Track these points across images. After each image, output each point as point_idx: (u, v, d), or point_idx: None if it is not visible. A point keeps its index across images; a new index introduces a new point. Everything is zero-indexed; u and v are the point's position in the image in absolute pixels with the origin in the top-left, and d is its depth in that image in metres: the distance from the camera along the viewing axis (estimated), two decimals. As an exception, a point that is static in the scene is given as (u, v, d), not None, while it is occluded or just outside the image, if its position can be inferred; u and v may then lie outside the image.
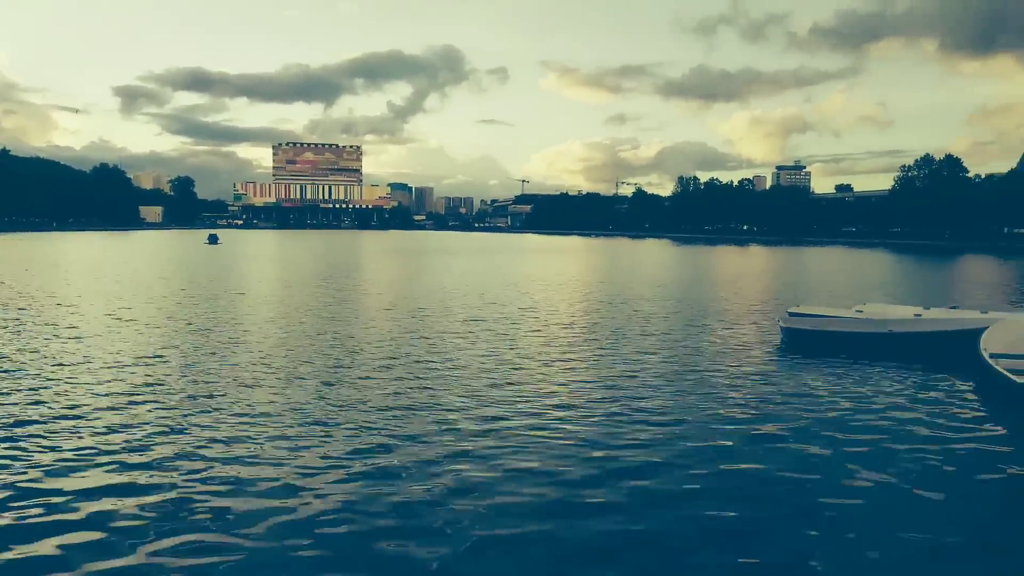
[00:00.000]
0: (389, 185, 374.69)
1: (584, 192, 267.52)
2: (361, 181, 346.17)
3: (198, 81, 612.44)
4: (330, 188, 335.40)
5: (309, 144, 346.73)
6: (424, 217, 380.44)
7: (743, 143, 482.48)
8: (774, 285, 32.36)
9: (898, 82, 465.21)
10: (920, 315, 16.50)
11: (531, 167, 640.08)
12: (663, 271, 42.80)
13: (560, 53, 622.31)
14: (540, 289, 28.90)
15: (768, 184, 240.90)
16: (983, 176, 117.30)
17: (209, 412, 9.43)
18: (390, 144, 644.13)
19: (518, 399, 10.36)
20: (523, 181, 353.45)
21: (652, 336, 16.52)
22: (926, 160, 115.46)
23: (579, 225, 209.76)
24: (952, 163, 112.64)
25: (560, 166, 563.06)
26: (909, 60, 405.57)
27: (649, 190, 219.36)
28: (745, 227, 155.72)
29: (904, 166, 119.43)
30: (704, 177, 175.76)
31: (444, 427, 8.89)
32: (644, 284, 31.84)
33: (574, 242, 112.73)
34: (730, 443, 8.37)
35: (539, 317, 19.80)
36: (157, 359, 13.09)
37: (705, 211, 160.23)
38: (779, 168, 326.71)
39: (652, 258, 61.98)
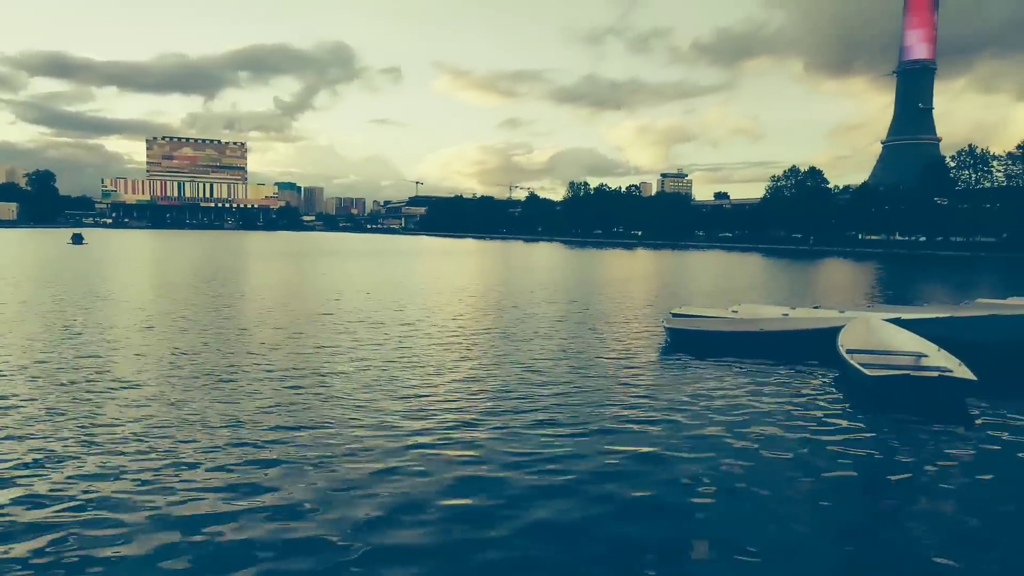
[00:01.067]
0: (276, 184, 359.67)
1: (479, 195, 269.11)
2: (246, 179, 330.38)
3: (59, 66, 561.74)
4: (212, 186, 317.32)
5: (188, 139, 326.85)
6: (314, 218, 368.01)
7: (631, 150, 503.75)
8: (659, 287, 33.82)
9: (769, 98, 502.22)
10: (788, 315, 17.79)
11: (425, 169, 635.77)
12: (555, 273, 43.68)
13: (454, 55, 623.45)
14: (433, 292, 28.66)
15: (654, 190, 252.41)
16: (841, 187, 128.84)
17: (51, 434, 8.59)
18: (277, 142, 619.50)
19: (405, 407, 10.19)
20: (417, 183, 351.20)
21: (542, 338, 16.78)
22: (793, 171, 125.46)
23: (474, 228, 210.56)
24: (815, 174, 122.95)
25: (454, 168, 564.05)
26: (778, 78, 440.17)
27: (541, 194, 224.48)
28: (630, 231, 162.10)
29: (774, 176, 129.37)
30: (594, 183, 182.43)
31: (326, 439, 8.57)
32: (537, 286, 32.34)
33: (469, 244, 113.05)
34: (615, 440, 8.64)
35: (429, 319, 19.61)
36: None
37: (595, 215, 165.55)
38: (664, 175, 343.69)
39: (544, 261, 63.18)
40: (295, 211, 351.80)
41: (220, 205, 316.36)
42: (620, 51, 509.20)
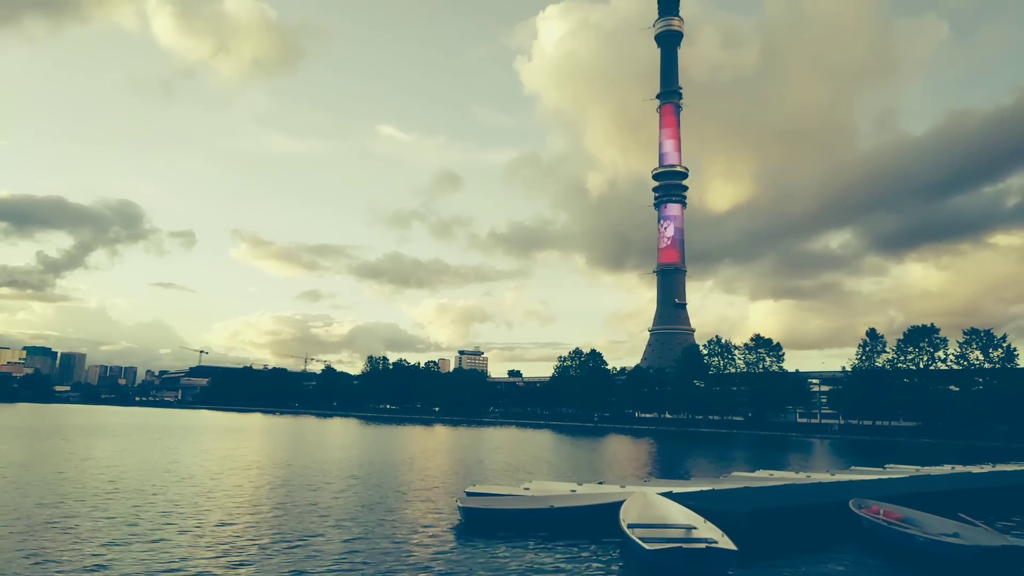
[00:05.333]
0: (25, 349, 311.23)
1: (270, 367, 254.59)
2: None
3: None
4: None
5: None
6: (69, 388, 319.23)
7: (431, 327, 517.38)
8: (455, 464, 33.60)
9: (557, 285, 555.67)
10: (575, 491, 18.55)
11: (212, 337, 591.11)
12: (348, 451, 41.62)
13: (254, 225, 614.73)
14: (193, 477, 25.73)
15: (452, 366, 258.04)
16: (619, 368, 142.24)
17: None
18: (34, 301, 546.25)
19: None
20: (201, 351, 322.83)
21: (332, 519, 15.65)
22: (577, 353, 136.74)
23: (263, 401, 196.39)
24: (595, 356, 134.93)
25: (245, 338, 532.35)
26: (565, 269, 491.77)
27: (340, 367, 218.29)
28: (428, 407, 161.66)
29: (561, 356, 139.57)
30: (394, 357, 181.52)
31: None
32: (328, 466, 30.47)
33: (255, 420, 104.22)
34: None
35: (197, 508, 17.45)
36: None
37: (394, 390, 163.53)
38: (461, 352, 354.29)
39: (338, 438, 60.10)
40: (46, 380, 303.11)
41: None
42: (424, 234, 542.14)
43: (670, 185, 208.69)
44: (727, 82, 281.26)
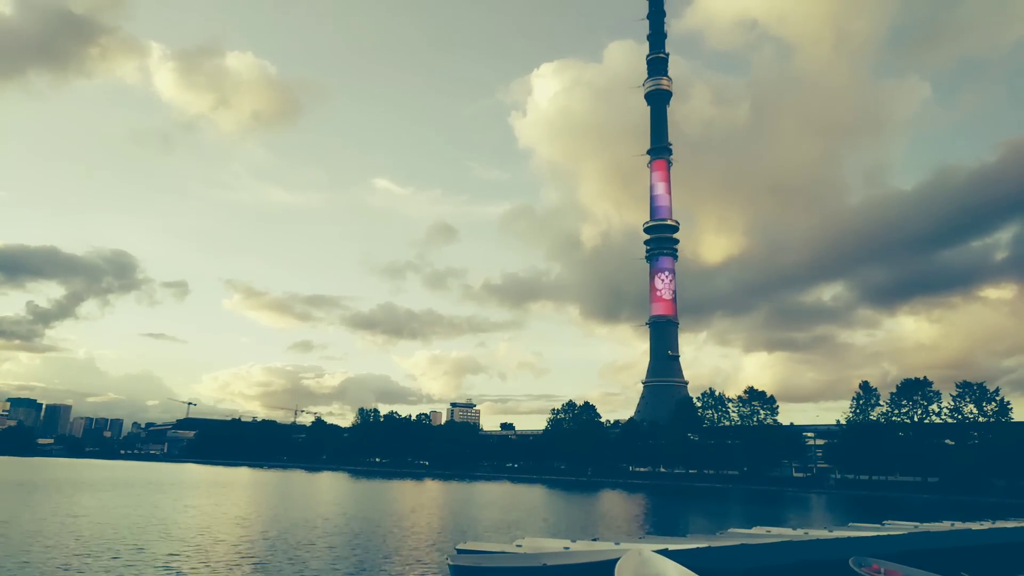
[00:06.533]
0: (9, 400, 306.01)
1: (259, 419, 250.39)
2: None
3: None
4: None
5: None
6: (52, 441, 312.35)
7: (424, 379, 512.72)
8: (447, 520, 32.85)
9: (550, 337, 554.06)
10: (569, 548, 18.09)
11: (201, 389, 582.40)
12: (337, 507, 40.65)
13: (248, 275, 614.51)
14: (176, 533, 25.05)
15: (444, 419, 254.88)
16: (612, 421, 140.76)
17: None
18: (21, 351, 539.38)
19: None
20: (189, 403, 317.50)
21: (318, 582, 15.17)
22: (570, 405, 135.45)
23: (251, 454, 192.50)
24: (589, 409, 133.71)
25: (235, 389, 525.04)
26: (558, 320, 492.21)
27: (330, 419, 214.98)
28: (419, 461, 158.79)
29: (554, 409, 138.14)
30: (385, 409, 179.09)
31: None
32: (315, 521, 29.72)
33: (242, 474, 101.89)
34: None
35: (179, 565, 16.92)
36: None
37: (384, 443, 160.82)
38: (454, 405, 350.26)
39: (327, 493, 58.80)
40: (29, 431, 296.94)
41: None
42: (417, 285, 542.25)
43: (661, 238, 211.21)
44: (719, 137, 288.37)
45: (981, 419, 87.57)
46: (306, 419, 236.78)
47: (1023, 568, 19.93)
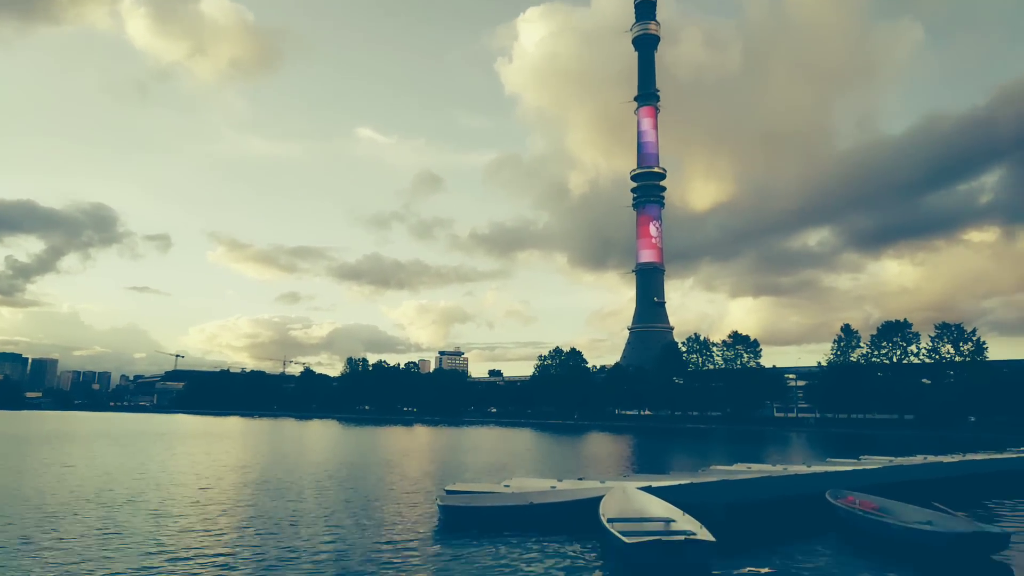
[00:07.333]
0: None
1: (248, 370, 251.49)
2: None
3: None
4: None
5: None
6: (40, 394, 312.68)
7: (412, 328, 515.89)
8: (436, 464, 33.49)
9: (538, 285, 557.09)
10: (555, 487, 18.55)
11: (189, 341, 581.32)
12: (327, 453, 41.29)
13: (232, 227, 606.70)
14: (170, 481, 25.36)
15: (432, 367, 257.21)
16: (598, 367, 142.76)
17: None
18: (3, 306, 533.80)
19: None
20: (177, 356, 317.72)
21: (312, 518, 15.49)
22: (557, 351, 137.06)
23: (241, 405, 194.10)
24: (575, 355, 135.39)
25: (222, 341, 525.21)
26: (546, 268, 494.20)
27: (319, 370, 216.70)
28: (408, 408, 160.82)
29: (541, 355, 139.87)
30: (373, 359, 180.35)
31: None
32: (307, 467, 30.19)
33: (232, 424, 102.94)
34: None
35: (171, 512, 17.18)
36: None
37: (373, 391, 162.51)
38: (442, 353, 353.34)
39: (317, 440, 59.62)
40: (16, 385, 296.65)
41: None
42: (404, 235, 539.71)
43: (648, 186, 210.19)
44: (710, 83, 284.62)
45: (958, 359, 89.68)
46: (295, 370, 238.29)
47: (990, 496, 20.75)
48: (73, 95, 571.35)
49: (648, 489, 16.37)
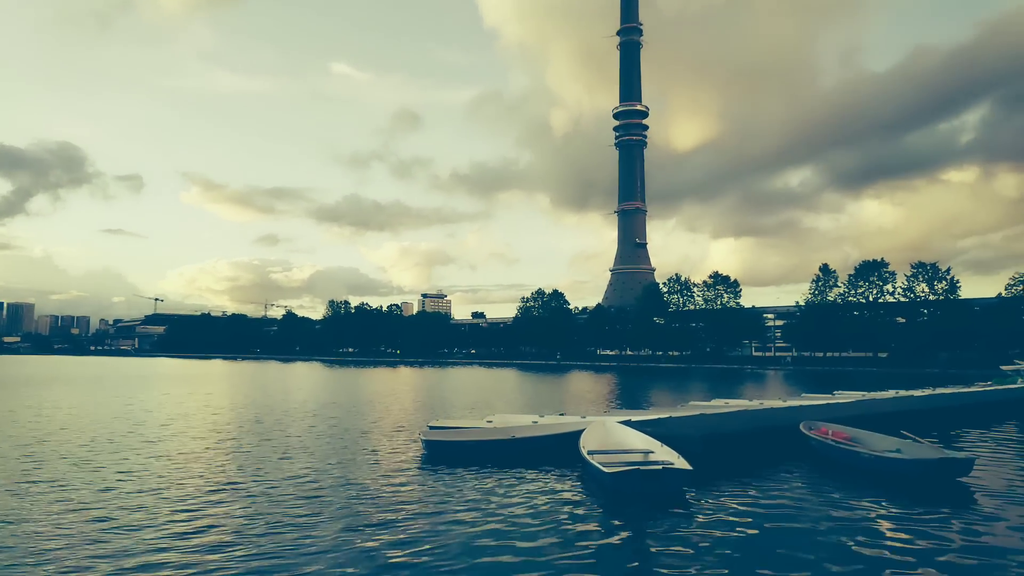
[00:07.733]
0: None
1: (229, 313, 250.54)
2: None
3: None
4: None
5: None
6: (19, 339, 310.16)
7: (394, 271, 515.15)
8: (420, 402, 33.90)
9: (520, 226, 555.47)
10: (537, 422, 18.89)
11: (167, 285, 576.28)
12: (311, 393, 41.61)
13: (205, 167, 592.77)
14: (161, 421, 25.47)
15: (415, 309, 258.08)
16: (580, 308, 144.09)
17: None
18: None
19: (161, 535, 8.72)
20: (156, 299, 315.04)
21: (297, 454, 15.69)
22: (539, 293, 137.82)
23: (223, 348, 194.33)
24: (557, 296, 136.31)
25: (202, 284, 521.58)
26: (528, 209, 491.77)
27: (301, 313, 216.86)
28: (391, 350, 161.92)
29: (523, 297, 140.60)
30: (356, 301, 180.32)
31: None
32: (291, 406, 30.44)
33: (216, 367, 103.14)
34: (373, 550, 8.26)
35: (165, 449, 17.30)
36: None
37: (356, 334, 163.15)
38: (424, 296, 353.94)
39: (301, 381, 60.00)
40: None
41: None
42: (383, 175, 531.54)
43: (630, 124, 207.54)
44: (693, 15, 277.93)
45: (932, 298, 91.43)
46: (276, 312, 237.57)
47: (956, 427, 21.52)
48: (26, 28, 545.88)
49: (627, 423, 16.72)
